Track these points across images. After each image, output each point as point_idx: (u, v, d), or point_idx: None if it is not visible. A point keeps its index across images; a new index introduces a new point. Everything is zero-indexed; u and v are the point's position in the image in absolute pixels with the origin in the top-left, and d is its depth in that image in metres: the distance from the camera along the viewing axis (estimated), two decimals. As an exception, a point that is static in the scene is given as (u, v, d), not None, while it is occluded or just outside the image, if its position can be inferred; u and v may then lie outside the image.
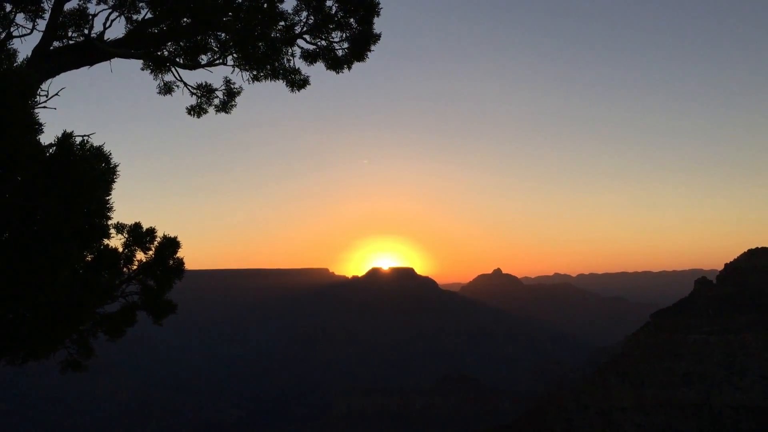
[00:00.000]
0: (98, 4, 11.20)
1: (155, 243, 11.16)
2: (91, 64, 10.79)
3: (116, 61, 11.13)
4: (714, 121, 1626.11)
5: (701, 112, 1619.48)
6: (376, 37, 11.94)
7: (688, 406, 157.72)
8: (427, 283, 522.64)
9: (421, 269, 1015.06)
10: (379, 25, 11.93)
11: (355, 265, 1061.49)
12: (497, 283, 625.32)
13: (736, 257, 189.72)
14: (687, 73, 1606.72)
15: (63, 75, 10.54)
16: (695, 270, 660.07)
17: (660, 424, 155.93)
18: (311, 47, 12.11)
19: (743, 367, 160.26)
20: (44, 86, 9.90)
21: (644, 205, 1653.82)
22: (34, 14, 10.63)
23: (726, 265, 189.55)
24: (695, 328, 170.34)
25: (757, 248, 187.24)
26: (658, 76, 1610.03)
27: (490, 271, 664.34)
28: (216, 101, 12.01)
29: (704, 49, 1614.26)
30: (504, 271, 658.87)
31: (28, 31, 10.74)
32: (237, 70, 11.48)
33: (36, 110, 7.69)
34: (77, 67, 10.66)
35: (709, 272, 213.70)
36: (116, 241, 10.65)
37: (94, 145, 8.11)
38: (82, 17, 11.26)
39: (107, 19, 11.04)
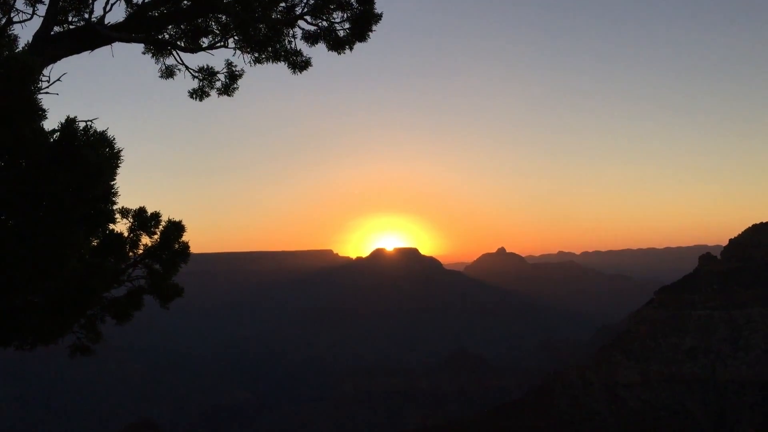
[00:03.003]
0: (98, -13, 11.13)
1: (160, 227, 11.18)
2: (92, 48, 10.75)
3: (117, 46, 11.09)
4: (719, 98, 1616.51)
5: (706, 89, 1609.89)
6: (378, 17, 11.87)
7: (694, 382, 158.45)
8: (431, 263, 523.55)
9: (425, 249, 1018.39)
10: (380, 4, 11.87)
11: (358, 245, 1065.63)
12: (501, 263, 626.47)
13: (740, 233, 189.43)
14: (689, 51, 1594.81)
15: (64, 60, 10.51)
16: (699, 246, 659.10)
17: (665, 399, 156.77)
18: (312, 28, 12.03)
19: (748, 341, 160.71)
20: (46, 72, 9.88)
21: (648, 182, 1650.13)
22: (35, -1, 10.59)
23: (730, 240, 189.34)
24: (700, 304, 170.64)
25: (761, 223, 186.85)
26: (661, 53, 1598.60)
27: (494, 251, 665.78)
28: (218, 84, 11.96)
29: (701, 28, 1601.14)
30: (508, 250, 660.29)
31: (29, 16, 10.70)
32: (238, 52, 11.43)
33: (38, 96, 7.68)
34: (78, 52, 10.62)
35: (713, 248, 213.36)
36: (122, 226, 10.67)
37: (98, 130, 8.11)
38: (82, 1, 11.19)
39: (107, 3, 10.98)
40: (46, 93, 9.72)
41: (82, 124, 8.04)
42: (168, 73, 12.01)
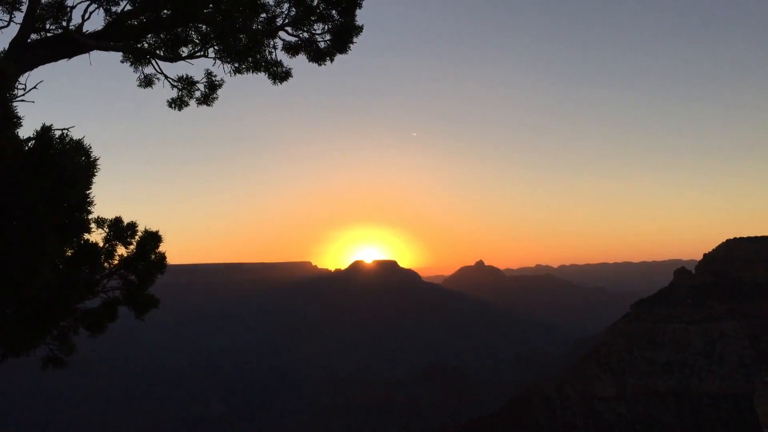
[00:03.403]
0: (76, -5, 11.03)
1: (136, 237, 11.03)
2: (70, 56, 10.63)
3: (95, 54, 10.98)
4: (693, 115, 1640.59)
5: (680, 107, 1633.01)
6: (359, 29, 11.87)
7: (669, 395, 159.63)
8: (410, 275, 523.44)
9: (404, 262, 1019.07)
10: (361, 17, 11.88)
11: (337, 256, 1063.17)
12: (480, 275, 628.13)
13: (714, 248, 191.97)
14: (662, 67, 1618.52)
15: (41, 68, 10.38)
16: (674, 260, 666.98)
17: (640, 413, 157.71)
18: (293, 39, 12.00)
19: (722, 355, 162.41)
20: (22, 79, 9.74)
21: (625, 197, 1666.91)
22: (12, 6, 10.45)
23: (704, 255, 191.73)
24: (675, 318, 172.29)
25: (734, 239, 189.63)
26: (636, 71, 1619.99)
27: (472, 263, 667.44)
28: (197, 94, 11.87)
29: (676, 44, 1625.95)
30: (486, 263, 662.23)
31: (5, 23, 10.55)
32: (218, 62, 11.37)
33: (14, 104, 7.57)
34: (56, 59, 10.49)
35: (688, 262, 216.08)
36: (97, 236, 10.51)
37: (74, 138, 8.00)
38: (60, 9, 11.08)
39: (86, 11, 10.88)
40: (22, 101, 9.58)
41: (58, 133, 7.94)
42: (147, 82, 11.90)
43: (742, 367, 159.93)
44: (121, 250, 10.93)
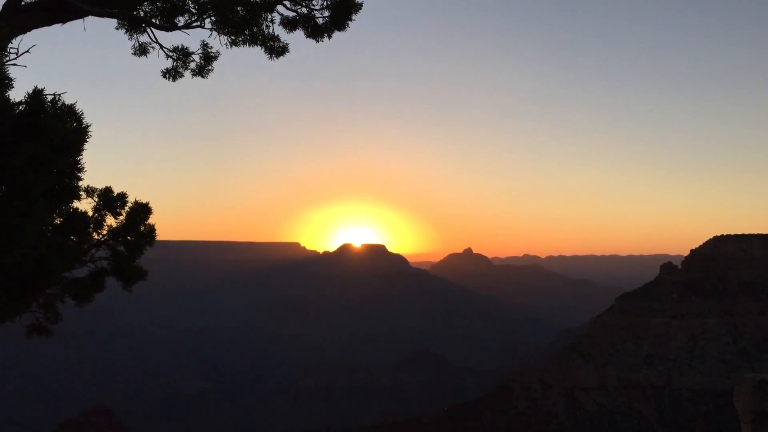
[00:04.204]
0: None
1: (126, 208, 10.92)
2: (64, 21, 10.47)
3: (90, 20, 10.82)
4: (686, 110, 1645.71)
5: (673, 101, 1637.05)
6: (358, 6, 11.77)
7: (649, 388, 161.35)
8: (398, 260, 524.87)
9: (392, 246, 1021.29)
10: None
11: (325, 236, 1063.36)
12: (468, 263, 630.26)
13: (701, 244, 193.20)
14: (653, 61, 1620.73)
15: (34, 32, 10.21)
16: (661, 255, 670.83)
17: (621, 404, 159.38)
18: (291, 14, 11.87)
19: (704, 351, 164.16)
20: (14, 43, 9.57)
21: (614, 190, 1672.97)
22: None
23: (691, 251, 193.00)
24: (659, 312, 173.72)
25: (722, 235, 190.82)
26: (624, 63, 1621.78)
27: (461, 251, 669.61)
28: (192, 65, 11.72)
29: (673, 35, 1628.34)
30: (475, 251, 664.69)
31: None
32: (215, 33, 11.22)
33: (5, 67, 7.44)
34: (50, 23, 10.32)
35: (674, 257, 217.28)
36: (86, 205, 10.41)
37: (66, 103, 7.89)
38: (55, -28, 10.89)
39: (81, -25, 10.69)
40: (14, 65, 9.42)
41: (50, 97, 7.82)
42: (141, 50, 11.73)
43: (724, 363, 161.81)
44: (110, 221, 10.82)
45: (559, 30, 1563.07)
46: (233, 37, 11.29)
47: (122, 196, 10.86)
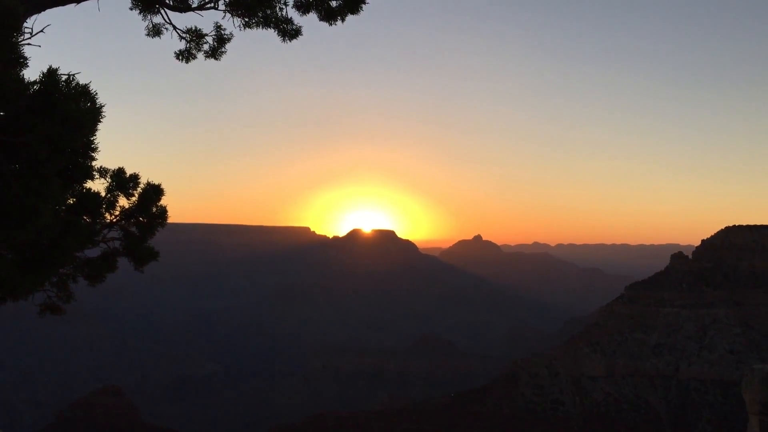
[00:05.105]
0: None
1: (138, 189, 10.97)
2: (78, 1, 10.47)
3: (104, 0, 10.81)
4: (700, 102, 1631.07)
5: (684, 92, 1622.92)
6: (372, -10, 11.69)
7: (657, 377, 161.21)
8: (407, 246, 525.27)
9: (402, 232, 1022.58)
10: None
11: (335, 220, 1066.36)
12: (477, 250, 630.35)
13: (712, 234, 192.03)
14: (663, 52, 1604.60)
15: (48, 11, 10.22)
16: (672, 245, 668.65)
17: (628, 393, 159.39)
18: (305, -3, 11.80)
19: (712, 341, 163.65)
20: (29, 22, 9.59)
21: (624, 179, 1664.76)
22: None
23: (702, 241, 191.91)
24: (668, 302, 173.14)
25: (734, 226, 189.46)
26: (633, 53, 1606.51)
27: (470, 238, 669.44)
28: (205, 47, 11.70)
29: (681, 28, 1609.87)
30: (484, 238, 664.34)
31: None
32: (228, 15, 11.19)
33: (20, 46, 7.45)
34: (64, 3, 10.33)
35: (685, 247, 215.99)
36: (99, 186, 10.46)
37: (80, 83, 7.90)
38: (70, -48, 10.87)
39: (96, -46, 10.69)
40: (28, 44, 9.44)
41: (64, 77, 7.83)
42: (155, 31, 11.70)
43: (732, 353, 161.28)
44: (122, 202, 10.87)
45: (594, 8, 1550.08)
46: (246, 19, 11.25)
47: (135, 177, 10.90)
